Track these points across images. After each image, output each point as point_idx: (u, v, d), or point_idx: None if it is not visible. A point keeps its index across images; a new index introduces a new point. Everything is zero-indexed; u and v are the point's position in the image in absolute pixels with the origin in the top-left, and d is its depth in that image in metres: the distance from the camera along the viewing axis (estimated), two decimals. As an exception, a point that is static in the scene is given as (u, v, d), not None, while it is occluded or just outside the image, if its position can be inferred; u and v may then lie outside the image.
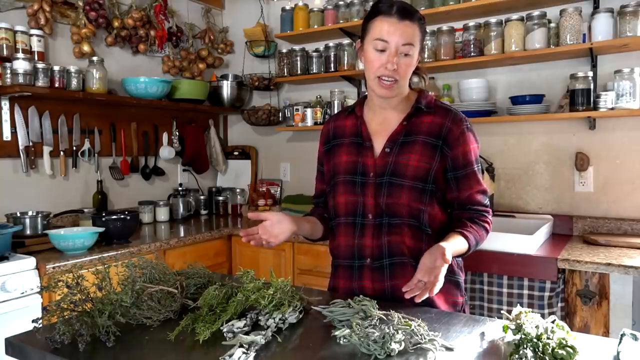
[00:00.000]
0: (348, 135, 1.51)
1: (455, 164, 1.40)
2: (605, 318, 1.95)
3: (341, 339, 1.04)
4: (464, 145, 1.40)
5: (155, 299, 1.21)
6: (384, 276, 1.39)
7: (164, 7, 3.15)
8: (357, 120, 1.50)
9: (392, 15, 1.34)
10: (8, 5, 2.51)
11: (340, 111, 1.62)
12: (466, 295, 1.50)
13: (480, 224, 1.41)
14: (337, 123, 1.56)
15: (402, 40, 1.34)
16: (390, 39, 1.34)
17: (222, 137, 3.75)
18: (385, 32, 1.34)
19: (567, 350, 0.93)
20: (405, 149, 1.41)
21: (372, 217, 1.41)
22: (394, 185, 1.38)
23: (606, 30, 2.29)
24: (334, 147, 1.53)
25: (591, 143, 2.52)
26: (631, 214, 2.44)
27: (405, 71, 1.38)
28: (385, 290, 1.40)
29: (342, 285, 1.47)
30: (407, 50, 1.35)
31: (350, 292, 1.44)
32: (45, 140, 2.62)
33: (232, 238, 2.92)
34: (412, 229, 1.39)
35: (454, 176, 1.41)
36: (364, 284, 1.42)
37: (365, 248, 1.41)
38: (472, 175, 1.41)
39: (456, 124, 1.40)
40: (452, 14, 2.67)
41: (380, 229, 1.40)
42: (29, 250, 2.18)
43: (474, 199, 1.42)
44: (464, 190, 1.41)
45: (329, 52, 3.07)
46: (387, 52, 1.35)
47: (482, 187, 1.43)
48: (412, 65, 1.39)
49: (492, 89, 2.74)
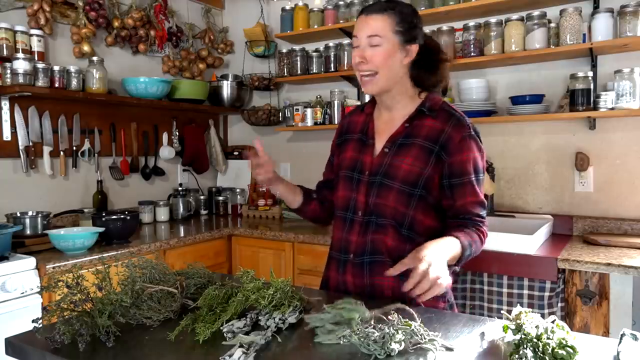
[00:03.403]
0: (357, 131, 1.54)
1: (452, 172, 1.38)
2: (605, 318, 1.95)
3: (342, 339, 1.04)
4: (464, 153, 1.37)
5: (155, 299, 1.21)
6: (364, 272, 1.42)
7: (164, 7, 3.15)
8: (367, 118, 1.53)
9: (362, 13, 1.41)
10: (8, 5, 2.51)
11: (358, 106, 1.65)
12: (451, 301, 1.45)
13: (473, 230, 1.38)
14: (352, 118, 1.60)
15: (367, 32, 1.38)
16: (359, 34, 1.40)
17: (222, 137, 3.75)
18: (356, 29, 1.41)
19: (567, 350, 0.93)
20: (402, 151, 1.41)
21: (361, 214, 1.43)
22: (383, 186, 1.40)
23: (606, 30, 2.29)
24: (345, 141, 1.57)
25: (591, 143, 2.52)
26: (631, 214, 2.43)
27: (379, 61, 1.37)
28: (364, 287, 1.42)
29: (332, 276, 1.51)
30: (373, 41, 1.38)
31: (336, 284, 1.49)
32: (45, 140, 2.62)
33: (232, 238, 2.92)
34: (395, 230, 1.39)
35: (449, 184, 1.39)
36: (347, 279, 1.46)
37: (351, 243, 1.44)
38: (468, 185, 1.38)
39: (457, 130, 1.38)
40: (452, 14, 2.67)
41: (367, 226, 1.42)
42: (29, 250, 2.18)
43: (467, 209, 1.39)
44: (459, 199, 1.39)
45: (329, 52, 3.07)
46: (359, 46, 1.40)
47: (478, 198, 1.39)
48: (386, 55, 1.37)
49: (492, 89, 2.74)
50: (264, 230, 2.80)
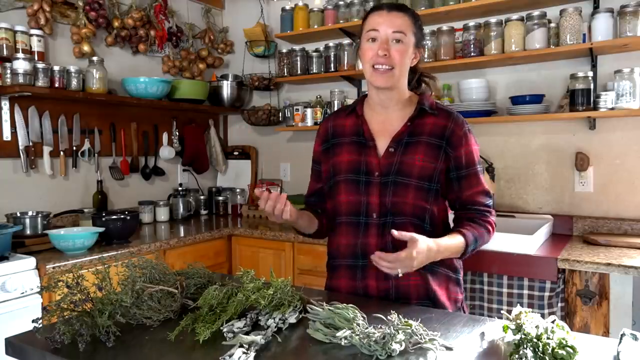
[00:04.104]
0: (349, 134, 1.50)
1: (458, 164, 1.42)
2: (605, 318, 1.95)
3: (342, 339, 1.04)
4: (467, 145, 1.43)
5: (155, 299, 1.21)
6: (389, 275, 1.38)
7: (164, 7, 3.15)
8: (358, 120, 1.50)
9: (382, 9, 1.42)
10: (8, 5, 2.51)
11: (339, 110, 1.62)
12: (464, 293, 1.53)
13: (480, 223, 1.42)
14: (336, 122, 1.56)
15: (391, 27, 1.39)
16: (380, 28, 1.40)
17: (222, 137, 3.75)
18: (375, 22, 1.41)
19: (567, 350, 0.93)
20: (410, 149, 1.41)
21: (376, 216, 1.41)
22: (399, 184, 1.39)
23: (606, 30, 2.29)
24: (334, 146, 1.52)
25: (591, 143, 2.52)
26: (631, 214, 2.43)
27: (399, 59, 1.39)
28: (389, 290, 1.41)
29: (343, 284, 1.47)
30: (398, 37, 1.39)
31: (353, 291, 1.45)
32: (45, 140, 2.62)
33: (232, 238, 2.92)
34: (415, 227, 1.39)
35: (457, 176, 1.43)
36: (368, 283, 1.42)
37: (369, 247, 1.41)
38: (474, 176, 1.44)
39: (459, 125, 1.44)
40: (452, 14, 2.67)
41: (385, 228, 1.40)
42: (29, 250, 2.18)
43: (475, 199, 1.44)
44: (466, 190, 1.43)
45: (329, 52, 3.07)
46: (378, 40, 1.40)
47: (483, 187, 1.45)
48: (405, 53, 1.40)
49: (492, 89, 2.74)
50: (264, 230, 2.80)
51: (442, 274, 1.44)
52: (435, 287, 1.41)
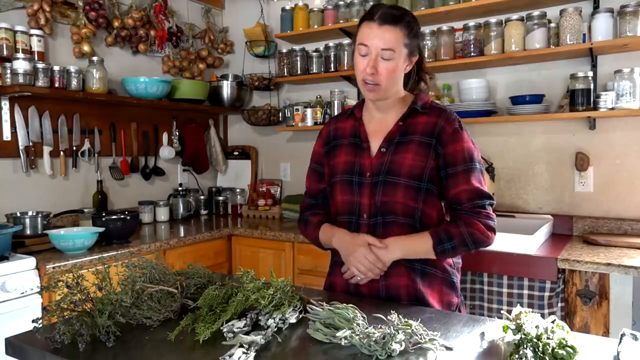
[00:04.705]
0: (347, 136, 1.52)
1: (447, 162, 1.39)
2: (605, 318, 1.95)
3: (342, 339, 1.04)
4: (457, 143, 1.39)
5: (155, 299, 1.21)
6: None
7: (164, 7, 3.15)
8: (356, 122, 1.52)
9: (374, 20, 1.38)
10: (8, 5, 2.51)
11: (341, 113, 1.64)
12: (461, 297, 1.49)
13: (460, 223, 1.36)
14: (338, 125, 1.58)
15: (381, 44, 1.36)
16: (370, 43, 1.38)
17: (222, 137, 3.75)
18: (366, 36, 1.39)
19: (567, 350, 0.93)
20: (401, 149, 1.42)
21: (366, 216, 1.43)
22: (388, 183, 1.39)
23: (606, 30, 2.29)
24: (334, 147, 1.54)
25: (591, 143, 2.52)
26: (631, 214, 2.43)
27: (386, 75, 1.38)
28: (379, 290, 1.42)
29: (339, 282, 1.49)
30: (387, 55, 1.37)
31: (346, 289, 1.47)
32: (45, 140, 2.62)
33: (232, 238, 2.92)
34: (405, 227, 1.40)
35: (445, 174, 1.40)
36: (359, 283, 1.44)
37: None
38: (462, 174, 1.38)
39: (449, 122, 1.41)
40: (452, 14, 2.67)
41: (375, 228, 1.41)
42: (29, 250, 2.18)
43: (460, 198, 1.38)
44: (452, 188, 1.39)
45: (329, 52, 3.07)
46: (368, 56, 1.38)
47: (473, 186, 1.37)
48: (395, 70, 1.39)
49: (492, 89, 2.74)
50: (264, 230, 2.80)
51: (433, 276, 1.42)
52: (423, 288, 1.40)
